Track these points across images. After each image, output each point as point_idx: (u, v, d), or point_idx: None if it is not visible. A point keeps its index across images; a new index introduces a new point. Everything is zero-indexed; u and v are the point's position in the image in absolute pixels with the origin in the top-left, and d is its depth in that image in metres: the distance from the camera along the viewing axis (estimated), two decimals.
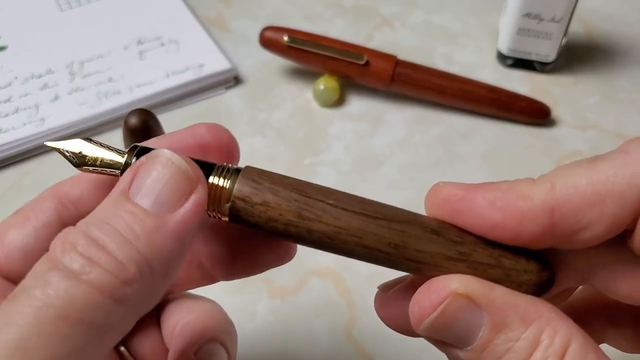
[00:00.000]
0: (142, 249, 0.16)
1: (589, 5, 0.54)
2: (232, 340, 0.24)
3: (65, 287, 0.15)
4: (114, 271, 0.16)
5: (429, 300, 0.19)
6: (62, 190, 0.21)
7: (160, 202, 0.17)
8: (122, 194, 0.17)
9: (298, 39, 0.46)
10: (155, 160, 0.18)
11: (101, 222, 0.17)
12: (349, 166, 0.43)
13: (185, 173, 0.18)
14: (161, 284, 0.17)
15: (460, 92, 0.45)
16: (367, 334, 0.35)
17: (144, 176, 0.18)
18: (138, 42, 0.49)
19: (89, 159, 0.20)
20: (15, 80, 0.47)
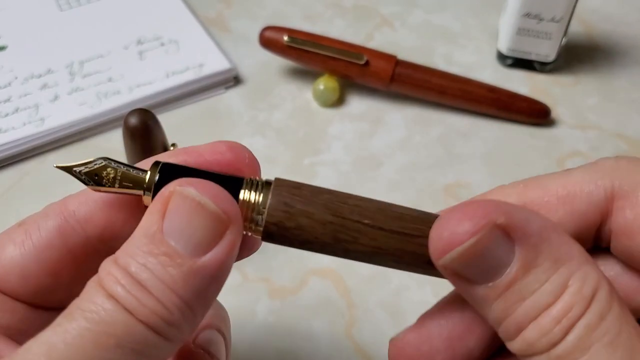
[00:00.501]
0: (182, 293, 0.17)
1: (588, 5, 0.54)
2: (227, 327, 0.24)
3: (122, 320, 0.17)
4: (161, 314, 0.17)
5: (463, 227, 0.17)
6: (69, 207, 0.21)
7: (193, 245, 0.17)
8: (157, 233, 0.18)
9: (298, 39, 0.46)
10: (184, 201, 0.18)
11: (139, 263, 0.17)
12: (348, 166, 0.43)
13: (216, 215, 0.18)
14: (200, 319, 0.18)
15: (460, 92, 0.45)
16: (367, 334, 0.35)
17: (175, 216, 0.18)
18: (138, 42, 0.49)
19: (106, 180, 0.20)
20: (15, 80, 0.47)
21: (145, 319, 0.17)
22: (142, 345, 0.17)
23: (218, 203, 0.18)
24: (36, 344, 0.16)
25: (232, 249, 0.18)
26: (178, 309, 0.17)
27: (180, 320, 0.17)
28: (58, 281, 0.21)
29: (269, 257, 0.38)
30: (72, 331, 0.16)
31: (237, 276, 0.38)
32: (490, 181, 0.42)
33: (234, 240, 0.18)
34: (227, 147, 0.21)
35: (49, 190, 0.42)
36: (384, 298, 0.37)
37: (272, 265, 0.38)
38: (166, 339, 0.17)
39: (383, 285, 0.37)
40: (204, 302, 0.18)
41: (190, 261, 0.17)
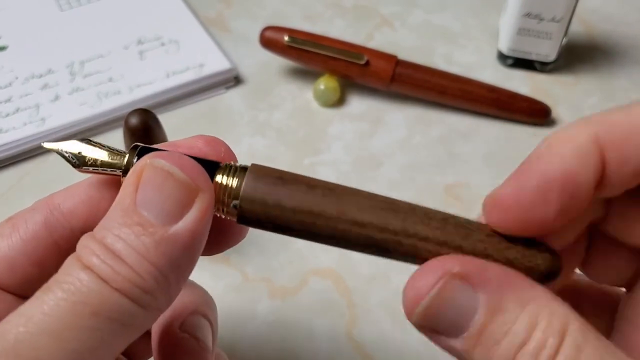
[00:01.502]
0: (155, 261, 0.18)
1: (589, 5, 0.54)
2: (213, 312, 0.25)
3: (98, 288, 0.17)
4: (135, 282, 0.17)
5: (424, 281, 0.18)
6: (54, 201, 0.22)
7: (165, 214, 0.18)
8: (130, 205, 0.18)
9: (298, 39, 0.46)
10: (155, 172, 0.18)
11: (114, 234, 0.18)
12: (349, 166, 0.43)
13: (184, 183, 0.18)
14: (176, 288, 0.18)
15: (461, 92, 0.45)
16: (367, 334, 0.35)
17: (146, 187, 0.18)
18: (138, 42, 0.49)
19: (88, 159, 0.21)
20: (15, 80, 0.47)
21: (119, 287, 0.17)
22: (118, 313, 0.17)
23: (186, 171, 0.18)
24: (14, 315, 0.17)
25: (202, 216, 0.18)
26: (151, 276, 0.17)
27: (154, 288, 0.18)
28: (44, 272, 0.21)
29: (270, 257, 0.38)
30: (49, 302, 0.17)
31: (238, 276, 0.38)
32: (490, 181, 0.42)
33: (204, 207, 0.18)
34: (204, 141, 0.22)
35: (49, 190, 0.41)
36: (385, 298, 0.37)
37: (272, 265, 0.38)
38: (142, 307, 0.17)
39: (383, 285, 0.37)
40: (178, 270, 0.18)
41: (162, 229, 0.18)
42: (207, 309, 0.24)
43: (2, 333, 0.16)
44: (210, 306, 0.25)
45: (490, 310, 0.18)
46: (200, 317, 0.24)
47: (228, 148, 0.22)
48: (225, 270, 0.38)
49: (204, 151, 0.21)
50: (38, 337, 0.16)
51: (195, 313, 0.24)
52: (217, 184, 0.19)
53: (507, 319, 0.17)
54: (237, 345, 0.35)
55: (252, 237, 0.39)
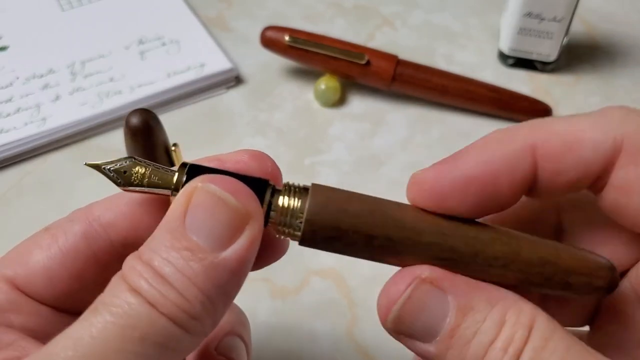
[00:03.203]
0: (203, 287, 0.17)
1: (589, 4, 0.54)
2: (247, 332, 0.25)
3: (146, 313, 0.17)
4: (183, 307, 0.17)
5: (395, 287, 0.19)
6: (93, 213, 0.21)
7: (214, 239, 0.18)
8: (179, 228, 0.18)
9: (299, 39, 0.46)
10: (207, 196, 0.18)
11: (162, 258, 0.18)
12: (350, 166, 0.43)
13: (236, 210, 0.18)
14: (222, 312, 0.18)
15: (462, 91, 0.45)
16: (369, 334, 0.35)
17: (197, 211, 0.18)
18: (139, 42, 0.49)
19: (134, 178, 0.20)
20: (16, 80, 0.47)
21: (168, 312, 0.17)
22: (165, 338, 0.17)
23: (238, 198, 0.18)
24: (63, 338, 0.17)
25: (252, 243, 0.18)
26: (200, 302, 0.17)
27: (201, 314, 0.17)
28: (83, 285, 0.21)
29: None
30: (97, 325, 0.17)
31: None
32: None
33: (254, 235, 0.18)
34: (250, 156, 0.21)
35: (50, 190, 0.42)
36: None
37: (273, 266, 0.38)
38: (188, 332, 0.17)
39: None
40: (225, 296, 0.18)
41: (212, 255, 0.18)
42: (242, 328, 0.24)
43: (51, 356, 0.16)
44: (245, 325, 0.25)
45: (460, 310, 0.18)
46: (235, 337, 0.24)
47: (274, 163, 0.22)
48: None
49: (250, 166, 0.21)
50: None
51: (230, 334, 0.23)
52: (277, 206, 0.19)
53: (477, 318, 0.18)
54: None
55: None
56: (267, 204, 0.19)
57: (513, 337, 0.17)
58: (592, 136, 0.19)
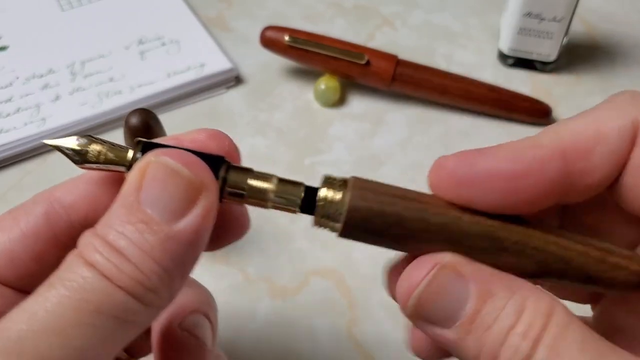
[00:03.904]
0: (159, 259, 0.17)
1: (589, 4, 0.54)
2: (213, 312, 0.25)
3: (100, 286, 0.17)
4: (139, 280, 0.17)
5: (417, 272, 0.19)
6: (54, 194, 0.22)
7: (169, 211, 0.18)
8: (134, 202, 0.18)
9: (299, 39, 0.46)
10: (159, 169, 0.18)
11: (117, 231, 0.18)
12: (350, 166, 0.43)
13: (189, 181, 0.18)
14: (179, 285, 0.18)
15: (462, 91, 0.45)
16: (368, 334, 0.35)
17: (151, 184, 0.18)
18: (139, 42, 0.49)
19: (91, 155, 0.20)
20: (16, 80, 0.47)
21: (124, 285, 0.17)
22: (122, 310, 0.17)
23: (191, 169, 0.18)
24: (16, 312, 0.17)
25: (206, 214, 0.18)
26: (155, 274, 0.17)
27: (158, 286, 0.18)
28: (44, 266, 0.21)
29: (270, 257, 0.38)
30: (52, 299, 0.17)
31: (239, 276, 0.38)
32: None
33: (208, 205, 0.18)
34: (207, 134, 0.21)
35: None
36: (385, 298, 0.37)
37: (273, 265, 0.38)
38: (145, 305, 0.17)
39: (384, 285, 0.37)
40: (181, 268, 0.18)
41: (167, 227, 0.18)
42: (208, 308, 0.24)
43: (4, 330, 0.16)
44: (211, 305, 0.25)
45: (481, 296, 0.18)
46: (200, 315, 0.24)
47: (231, 141, 0.22)
48: (226, 270, 0.38)
49: (207, 145, 0.21)
50: (41, 335, 0.16)
51: (195, 312, 0.23)
52: (320, 197, 0.20)
53: (497, 305, 0.18)
54: (238, 345, 0.35)
55: (252, 237, 0.39)
56: (221, 179, 0.20)
57: (533, 324, 0.17)
58: (614, 124, 0.19)
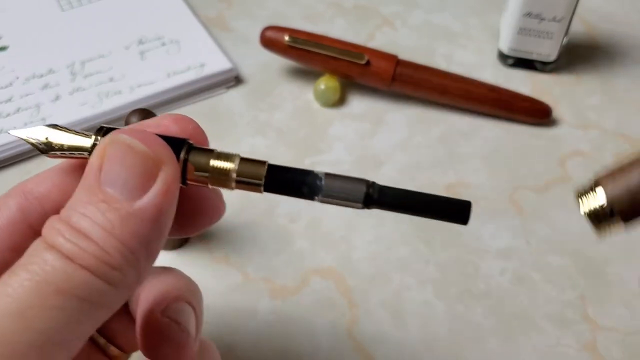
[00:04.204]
0: (121, 236, 0.17)
1: (590, 4, 0.54)
2: (197, 300, 0.24)
3: (62, 266, 0.17)
4: (102, 259, 0.17)
5: None
6: (26, 187, 0.22)
7: (129, 188, 0.18)
8: (94, 183, 0.18)
9: (299, 39, 0.46)
10: (117, 147, 0.19)
11: (80, 213, 0.18)
12: (349, 166, 0.43)
13: (145, 155, 0.18)
14: (145, 264, 0.18)
15: (461, 91, 0.45)
16: (368, 333, 0.35)
17: (109, 164, 0.18)
18: (139, 42, 0.49)
19: (55, 144, 0.21)
20: (16, 80, 0.47)
21: (85, 264, 0.17)
22: (85, 290, 0.17)
23: (148, 144, 0.19)
24: None
25: (167, 189, 0.18)
26: (119, 252, 0.17)
27: (122, 264, 0.17)
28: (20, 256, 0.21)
29: (270, 257, 0.38)
30: (13, 284, 0.17)
31: (238, 276, 0.38)
32: (491, 181, 0.42)
33: (168, 179, 0.18)
34: (172, 119, 0.22)
35: None
36: (385, 297, 0.37)
37: (273, 265, 0.38)
38: (110, 284, 0.17)
39: (384, 285, 0.37)
40: (146, 245, 0.18)
41: (128, 205, 0.18)
42: (191, 296, 0.24)
43: None
44: (195, 294, 0.25)
45: None
46: (183, 303, 0.23)
47: (197, 125, 0.22)
48: (225, 269, 0.38)
49: (172, 129, 0.21)
50: (3, 320, 0.16)
51: (178, 299, 0.23)
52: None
53: None
54: (238, 345, 0.35)
55: (252, 237, 0.39)
56: (182, 160, 0.20)
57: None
58: None
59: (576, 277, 0.38)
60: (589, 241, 0.39)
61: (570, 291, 0.37)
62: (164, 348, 0.22)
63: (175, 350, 0.22)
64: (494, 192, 0.42)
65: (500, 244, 0.39)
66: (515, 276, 0.38)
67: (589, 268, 0.38)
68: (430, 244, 0.39)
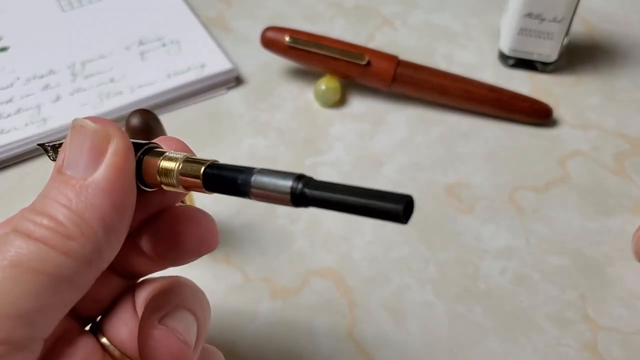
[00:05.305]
0: (76, 209, 0.18)
1: (590, 5, 0.54)
2: (201, 309, 0.24)
3: (18, 243, 0.18)
4: (56, 229, 0.18)
5: None
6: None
7: (83, 166, 0.19)
8: (57, 171, 0.19)
9: (299, 39, 0.46)
10: (73, 131, 0.20)
11: (41, 196, 0.19)
12: (350, 166, 0.43)
13: (96, 132, 0.19)
14: (104, 238, 0.19)
15: (462, 92, 0.45)
16: (369, 334, 0.35)
17: (68, 147, 0.20)
18: (139, 43, 0.49)
19: None
20: (17, 80, 0.47)
21: (39, 236, 0.18)
22: (40, 262, 0.17)
23: (96, 122, 0.20)
24: None
25: (116, 161, 0.19)
26: (72, 222, 0.18)
27: (76, 233, 0.18)
28: None
29: (270, 258, 0.39)
30: None
31: (239, 276, 0.38)
32: (491, 181, 0.42)
33: (117, 151, 0.19)
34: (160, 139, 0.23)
35: None
36: (385, 298, 0.37)
37: (273, 266, 0.38)
38: (66, 255, 0.18)
39: (384, 285, 0.37)
40: (101, 216, 0.19)
41: (82, 179, 0.19)
42: (196, 305, 0.24)
43: None
44: (200, 303, 0.24)
45: None
46: (185, 311, 0.23)
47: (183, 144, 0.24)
48: (226, 270, 0.38)
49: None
50: None
51: (180, 307, 0.23)
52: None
53: None
54: (238, 346, 0.35)
55: (252, 238, 0.39)
56: (137, 160, 0.21)
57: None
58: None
59: (576, 277, 0.38)
60: (589, 241, 0.39)
61: (570, 291, 0.37)
62: (159, 357, 0.22)
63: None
64: (494, 192, 0.42)
65: (500, 244, 0.39)
66: (515, 276, 0.38)
67: (589, 268, 0.38)
68: (430, 244, 0.39)
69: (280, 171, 0.18)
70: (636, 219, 0.40)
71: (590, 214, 0.41)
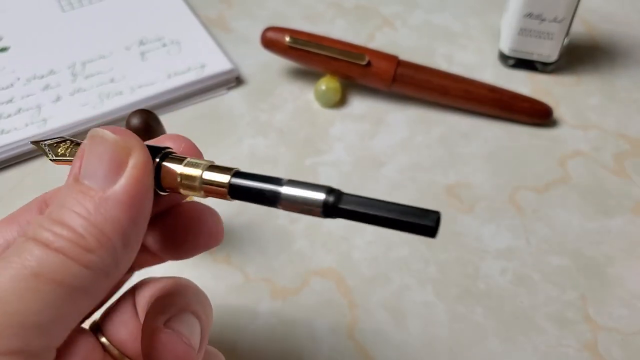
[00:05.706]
0: (94, 221, 0.18)
1: (590, 5, 0.54)
2: (204, 311, 0.24)
3: (38, 252, 0.18)
4: (76, 241, 0.18)
5: None
6: (46, 195, 0.23)
7: (102, 178, 0.19)
8: (74, 179, 0.19)
9: (300, 40, 0.46)
10: (92, 140, 0.20)
11: (59, 205, 0.19)
12: (350, 167, 0.43)
13: (116, 144, 0.19)
14: (122, 250, 0.19)
15: (462, 92, 0.45)
16: (369, 334, 0.35)
17: (86, 157, 0.19)
18: (140, 43, 0.49)
19: (61, 151, 0.23)
20: (17, 81, 0.47)
21: (59, 247, 0.18)
22: (61, 273, 0.17)
23: (117, 133, 0.19)
24: None
25: (137, 174, 0.19)
26: (92, 235, 0.18)
27: (96, 246, 0.18)
28: None
29: (271, 258, 0.39)
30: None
31: (239, 277, 0.38)
32: (491, 181, 0.42)
33: (138, 165, 0.19)
34: (167, 137, 0.23)
35: None
36: (386, 298, 0.37)
37: (273, 266, 0.38)
38: (85, 267, 0.18)
39: (384, 285, 0.37)
40: (120, 230, 0.19)
41: (101, 191, 0.19)
42: (200, 307, 0.24)
43: None
44: (203, 305, 0.24)
45: None
46: (189, 314, 0.23)
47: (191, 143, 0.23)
48: (226, 270, 0.38)
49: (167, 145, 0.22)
50: None
51: (184, 310, 0.23)
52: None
53: None
54: (239, 346, 0.35)
55: (252, 238, 0.39)
56: (155, 166, 0.21)
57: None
58: None
59: (576, 277, 0.38)
60: (589, 241, 0.39)
61: (570, 291, 0.37)
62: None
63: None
64: (494, 192, 0.42)
65: (500, 244, 0.39)
66: (515, 276, 0.38)
67: (589, 268, 0.38)
68: (430, 244, 0.39)
69: (310, 183, 0.19)
70: (636, 219, 0.40)
71: (591, 214, 0.41)
